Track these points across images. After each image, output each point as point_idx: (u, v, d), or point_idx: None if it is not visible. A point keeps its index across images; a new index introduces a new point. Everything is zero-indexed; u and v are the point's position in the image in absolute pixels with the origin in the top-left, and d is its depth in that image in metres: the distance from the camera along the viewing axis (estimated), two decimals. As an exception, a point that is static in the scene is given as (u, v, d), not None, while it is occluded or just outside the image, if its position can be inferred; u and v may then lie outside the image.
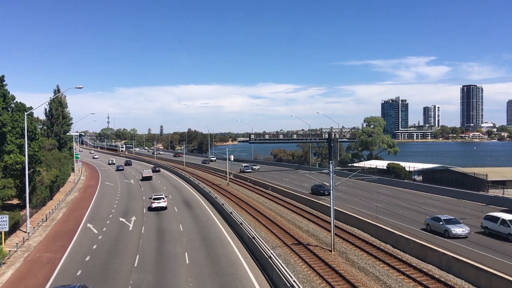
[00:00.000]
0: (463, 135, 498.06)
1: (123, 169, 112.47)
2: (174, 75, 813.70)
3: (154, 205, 51.59)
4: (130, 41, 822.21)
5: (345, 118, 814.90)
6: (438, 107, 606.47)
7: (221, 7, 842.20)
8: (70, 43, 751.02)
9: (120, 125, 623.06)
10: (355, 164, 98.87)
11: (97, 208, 55.59)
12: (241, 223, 38.46)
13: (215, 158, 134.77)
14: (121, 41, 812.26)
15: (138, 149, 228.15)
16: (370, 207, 48.02)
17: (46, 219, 47.49)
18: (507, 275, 23.24)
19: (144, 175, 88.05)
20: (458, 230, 34.69)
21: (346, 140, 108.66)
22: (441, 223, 35.95)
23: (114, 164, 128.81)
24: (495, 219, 35.31)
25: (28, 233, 40.08)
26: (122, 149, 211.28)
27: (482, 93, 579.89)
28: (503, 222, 34.34)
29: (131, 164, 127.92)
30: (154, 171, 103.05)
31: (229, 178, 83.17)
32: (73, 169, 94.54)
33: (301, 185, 70.88)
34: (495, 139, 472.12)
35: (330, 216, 33.67)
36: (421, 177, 75.05)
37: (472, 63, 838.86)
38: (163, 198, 52.83)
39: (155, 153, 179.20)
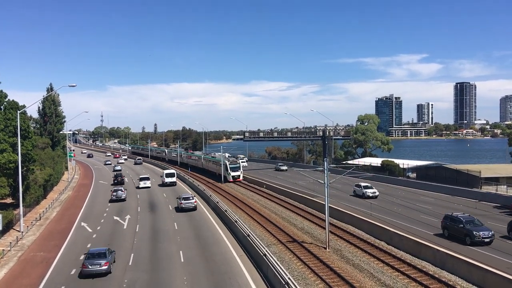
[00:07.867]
0: (457, 132, 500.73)
1: None
2: (167, 73, 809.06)
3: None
4: (122, 39, 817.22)
5: (338, 116, 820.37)
6: (432, 105, 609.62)
7: (213, 5, 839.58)
8: (63, 41, 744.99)
9: (114, 123, 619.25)
10: (349, 162, 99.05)
11: (91, 206, 55.36)
12: (236, 221, 38.48)
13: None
14: (113, 39, 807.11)
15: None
16: (364, 205, 48.20)
17: (40, 218, 47.22)
18: (501, 271, 23.47)
19: None
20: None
21: (340, 137, 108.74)
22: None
23: None
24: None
25: (22, 232, 39.86)
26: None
27: (475, 90, 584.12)
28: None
29: None
30: None
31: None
32: (66, 168, 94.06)
33: (295, 182, 70.94)
34: (488, 136, 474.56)
35: (324, 214, 33.77)
36: (415, 174, 75.34)
37: (463, 60, 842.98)
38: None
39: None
